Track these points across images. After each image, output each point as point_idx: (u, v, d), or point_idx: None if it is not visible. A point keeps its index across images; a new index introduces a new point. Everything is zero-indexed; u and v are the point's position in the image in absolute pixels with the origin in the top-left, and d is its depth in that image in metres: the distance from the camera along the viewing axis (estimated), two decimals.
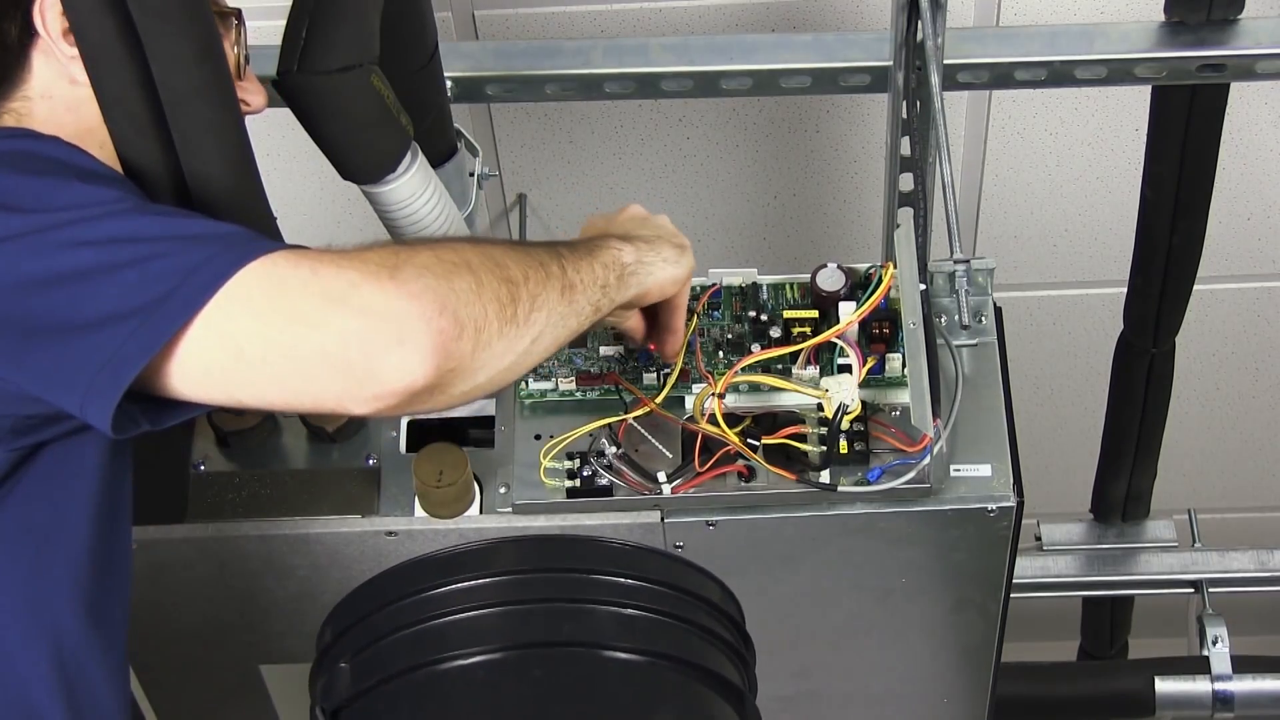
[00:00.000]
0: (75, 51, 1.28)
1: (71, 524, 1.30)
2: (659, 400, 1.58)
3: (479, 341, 1.20)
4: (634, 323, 1.52)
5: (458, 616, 1.51)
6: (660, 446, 1.59)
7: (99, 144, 1.30)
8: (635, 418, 1.59)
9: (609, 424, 1.58)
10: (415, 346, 1.16)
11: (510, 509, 1.60)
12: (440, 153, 1.72)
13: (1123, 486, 2.43)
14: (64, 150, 1.26)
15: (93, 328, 1.15)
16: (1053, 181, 2.40)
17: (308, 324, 1.16)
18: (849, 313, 1.56)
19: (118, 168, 1.31)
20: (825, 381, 1.55)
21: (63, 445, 1.26)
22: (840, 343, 1.56)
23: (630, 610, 1.52)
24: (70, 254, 1.16)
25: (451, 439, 1.61)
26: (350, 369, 1.16)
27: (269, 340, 1.16)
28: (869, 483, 1.56)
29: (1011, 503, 1.59)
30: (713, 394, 1.55)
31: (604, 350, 1.62)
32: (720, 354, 1.61)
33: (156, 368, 1.16)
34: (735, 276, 1.64)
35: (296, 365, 1.16)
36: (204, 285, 1.16)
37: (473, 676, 1.48)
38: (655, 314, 1.52)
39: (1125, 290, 2.20)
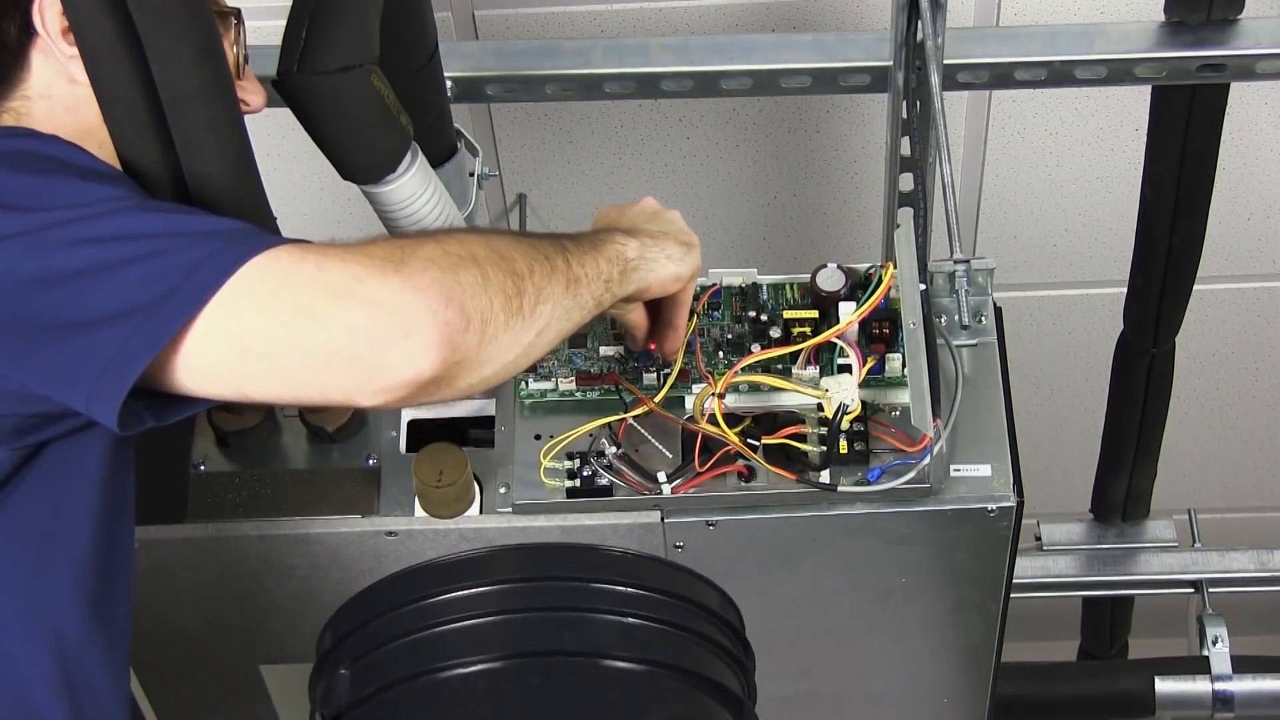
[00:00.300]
0: (74, 51, 1.28)
1: (74, 523, 1.30)
2: (659, 400, 1.58)
3: (485, 334, 1.20)
4: (636, 316, 1.52)
5: (457, 624, 1.51)
6: (660, 446, 1.59)
7: (98, 143, 1.30)
8: (635, 418, 1.59)
9: (609, 424, 1.58)
10: (421, 339, 1.17)
11: (510, 509, 1.60)
12: (440, 153, 1.72)
13: (1123, 486, 2.43)
14: (64, 149, 1.26)
15: (96, 326, 1.15)
16: (1053, 181, 2.40)
17: (314, 318, 1.16)
18: (849, 313, 1.56)
19: (117, 167, 1.31)
20: (825, 381, 1.55)
21: (64, 444, 1.26)
22: (840, 343, 1.56)
23: (630, 619, 1.52)
24: (72, 252, 1.16)
25: (451, 439, 1.61)
26: (357, 362, 1.16)
27: (275, 335, 1.16)
28: (869, 483, 1.56)
29: (1011, 503, 1.59)
30: (713, 394, 1.55)
31: (604, 350, 1.62)
32: (720, 354, 1.61)
33: (162, 364, 1.17)
34: (735, 276, 1.64)
35: (303, 359, 1.17)
36: (207, 282, 1.16)
37: (473, 685, 1.48)
38: (659, 309, 1.52)
39: (1125, 290, 2.20)
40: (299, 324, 1.16)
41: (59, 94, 1.31)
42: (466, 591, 1.53)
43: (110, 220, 1.18)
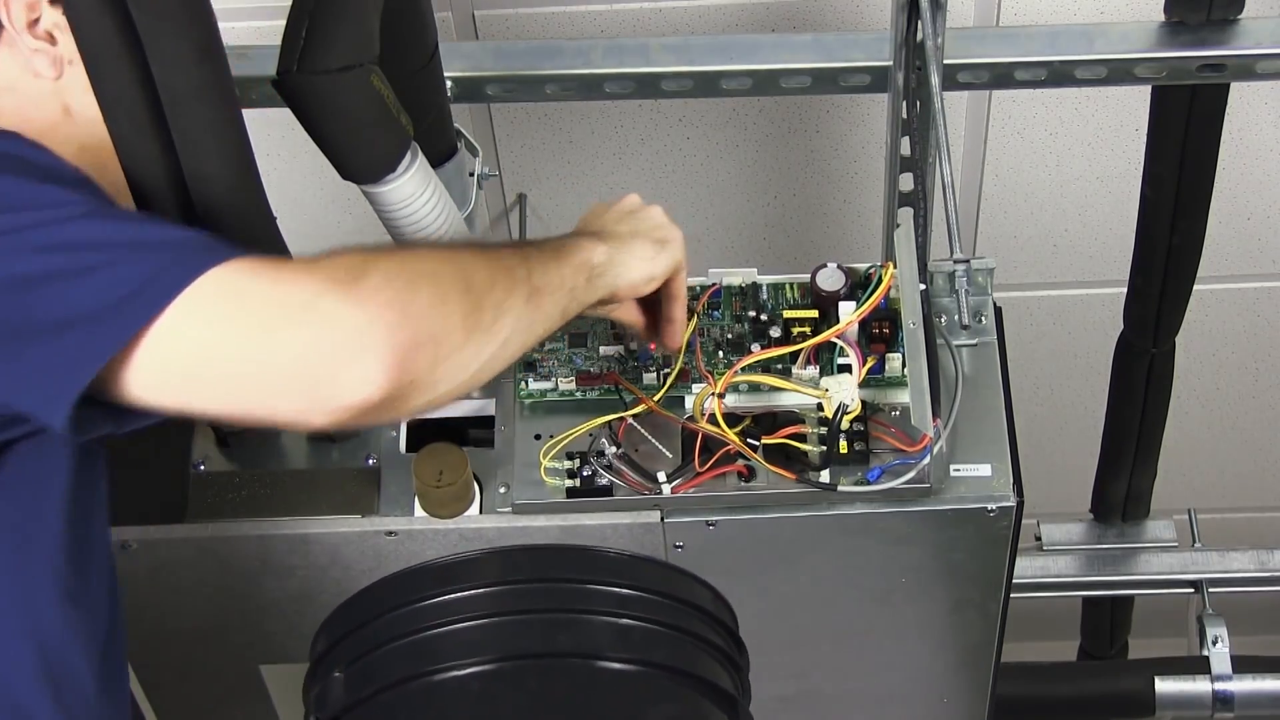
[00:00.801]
0: (39, 44, 1.26)
1: (47, 522, 1.29)
2: (659, 400, 1.58)
3: (439, 354, 1.18)
4: (625, 314, 1.51)
5: (452, 627, 1.51)
6: (660, 446, 1.59)
7: (62, 139, 1.28)
8: (635, 417, 1.59)
9: (609, 424, 1.58)
10: (375, 359, 1.14)
11: (510, 509, 1.60)
12: (440, 153, 1.72)
13: (1123, 486, 2.43)
14: (25, 148, 1.24)
15: (48, 333, 1.13)
16: (1053, 181, 2.40)
17: (265, 335, 1.14)
18: (849, 313, 1.56)
19: (79, 162, 1.27)
20: (825, 381, 1.55)
21: (31, 443, 1.25)
22: (840, 343, 1.56)
23: (624, 620, 1.52)
24: (27, 259, 1.14)
25: (451, 439, 1.61)
26: (309, 381, 1.14)
27: (226, 351, 1.14)
28: (869, 483, 1.56)
29: (1011, 503, 1.59)
30: (713, 394, 1.55)
31: (604, 350, 1.62)
32: (720, 354, 1.61)
33: (112, 374, 1.14)
34: (735, 276, 1.64)
35: (253, 376, 1.15)
36: (161, 293, 1.13)
37: (468, 688, 1.48)
38: (654, 304, 1.52)
39: (1125, 290, 2.20)
40: (251, 340, 1.14)
41: (24, 88, 1.28)
42: (460, 594, 1.53)
43: (65, 228, 1.16)
